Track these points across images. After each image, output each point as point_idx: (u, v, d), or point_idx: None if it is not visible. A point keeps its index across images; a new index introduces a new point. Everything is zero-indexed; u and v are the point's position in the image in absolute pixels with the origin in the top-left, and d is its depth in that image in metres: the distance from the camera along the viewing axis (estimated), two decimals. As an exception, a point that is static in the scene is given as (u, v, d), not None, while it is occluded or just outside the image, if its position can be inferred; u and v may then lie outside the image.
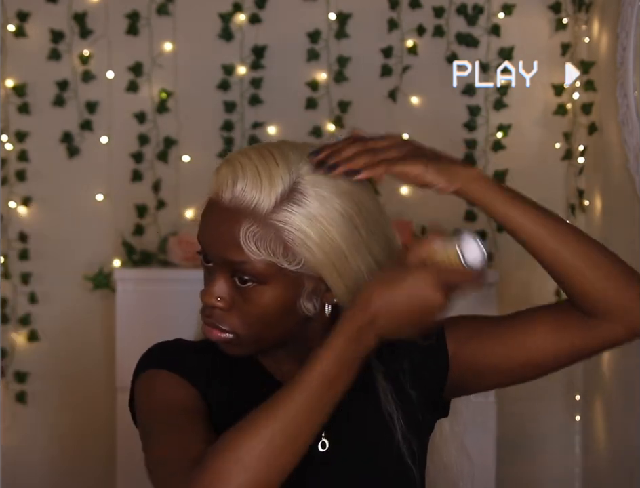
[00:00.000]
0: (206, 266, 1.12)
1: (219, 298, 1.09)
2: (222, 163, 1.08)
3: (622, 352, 2.47)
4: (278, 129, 2.77)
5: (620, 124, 2.40)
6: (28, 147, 2.76)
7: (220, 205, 1.07)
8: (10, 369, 2.78)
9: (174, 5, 2.76)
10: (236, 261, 1.05)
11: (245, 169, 1.05)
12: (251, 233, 1.04)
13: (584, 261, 1.09)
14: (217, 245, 1.07)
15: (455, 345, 1.18)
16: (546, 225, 1.10)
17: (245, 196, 1.05)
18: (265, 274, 1.06)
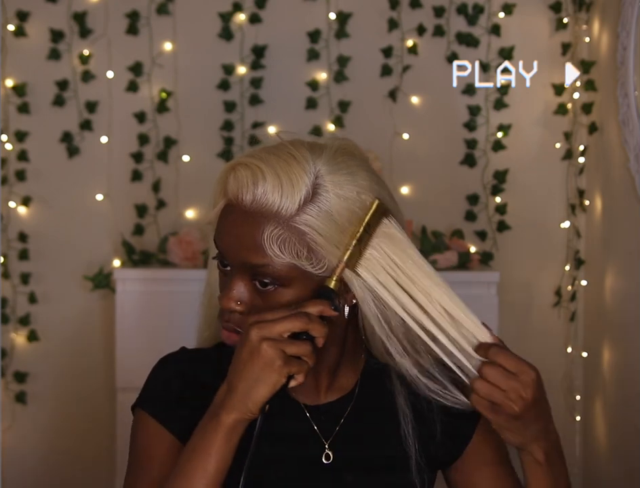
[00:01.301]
0: (223, 270, 1.10)
1: (239, 302, 1.08)
2: (235, 165, 1.07)
3: (622, 352, 2.47)
4: (278, 128, 2.76)
5: (621, 124, 2.40)
6: (28, 147, 2.76)
7: (239, 208, 1.05)
8: (10, 369, 2.78)
9: (174, 5, 2.76)
10: (259, 264, 1.04)
11: (265, 172, 1.04)
12: (274, 236, 1.03)
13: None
14: (237, 249, 1.06)
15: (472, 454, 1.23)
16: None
17: (267, 199, 1.04)
18: (287, 277, 1.05)
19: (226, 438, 1.02)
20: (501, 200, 2.79)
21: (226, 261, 1.09)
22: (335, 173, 1.06)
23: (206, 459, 1.03)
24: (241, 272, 1.07)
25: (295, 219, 1.04)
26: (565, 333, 2.80)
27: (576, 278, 2.79)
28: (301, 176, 1.04)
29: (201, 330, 1.23)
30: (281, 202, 1.03)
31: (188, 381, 1.17)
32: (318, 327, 1.02)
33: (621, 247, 2.49)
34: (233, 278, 1.08)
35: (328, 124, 2.77)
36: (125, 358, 2.47)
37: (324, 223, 1.04)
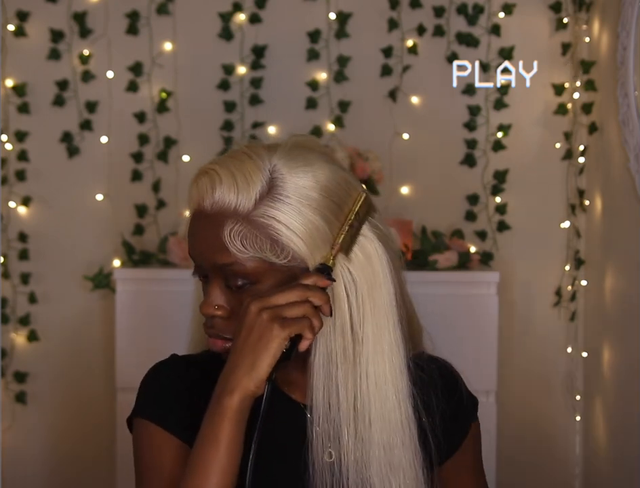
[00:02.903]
0: (203, 280, 1.13)
1: (216, 306, 1.10)
2: (197, 175, 1.10)
3: (622, 352, 2.47)
4: (278, 129, 2.76)
5: (621, 124, 2.40)
6: (28, 147, 2.76)
7: (202, 213, 1.08)
8: (10, 369, 2.78)
9: (174, 5, 2.76)
10: (226, 263, 1.06)
11: (220, 174, 1.07)
12: (235, 233, 1.05)
13: None
14: (205, 252, 1.08)
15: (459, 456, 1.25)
16: None
17: (224, 199, 1.06)
18: (255, 273, 1.07)
19: (234, 420, 1.02)
20: (501, 200, 2.80)
21: (200, 269, 1.11)
22: (291, 165, 1.08)
23: (217, 447, 1.02)
24: (215, 277, 1.09)
25: (254, 213, 1.06)
26: (565, 333, 2.80)
27: (576, 278, 2.79)
28: (254, 172, 1.06)
29: (191, 334, 1.25)
30: (237, 199, 1.06)
31: (183, 385, 1.17)
32: (319, 294, 1.03)
33: (621, 247, 2.49)
34: (210, 285, 1.10)
35: (328, 124, 2.77)
36: (125, 358, 2.47)
37: (283, 212, 1.06)
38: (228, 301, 1.09)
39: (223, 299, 1.10)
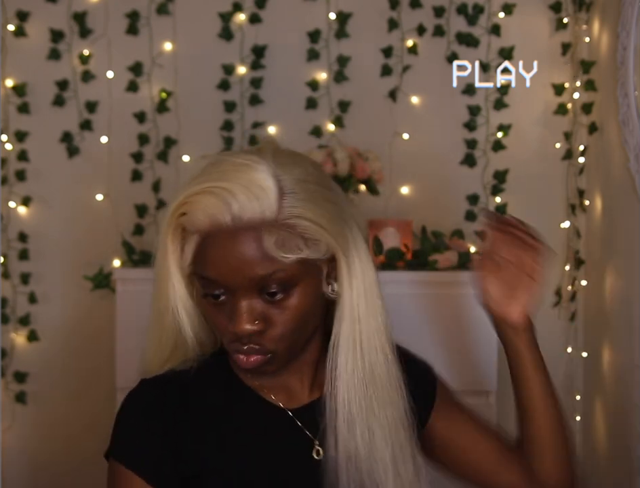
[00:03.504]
0: (217, 302, 1.09)
1: (256, 322, 1.07)
2: (191, 198, 1.06)
3: (622, 352, 2.47)
4: (278, 129, 2.76)
5: (621, 124, 2.40)
6: (28, 147, 2.76)
7: (222, 232, 1.05)
8: (10, 369, 2.78)
9: (174, 5, 2.76)
10: (268, 273, 1.04)
11: (230, 189, 1.04)
12: (273, 241, 1.04)
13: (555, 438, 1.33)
14: (241, 270, 1.05)
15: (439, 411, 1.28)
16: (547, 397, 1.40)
17: (247, 212, 1.04)
18: (295, 276, 1.06)
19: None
20: (501, 200, 2.80)
21: (222, 290, 1.07)
22: (282, 163, 1.08)
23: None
24: (244, 292, 1.06)
25: (280, 217, 1.05)
26: (565, 333, 2.80)
27: (576, 278, 2.78)
28: (263, 177, 1.05)
29: (150, 358, 1.20)
30: (261, 208, 1.04)
31: (158, 415, 1.14)
32: None
33: (621, 247, 2.49)
34: (239, 302, 1.07)
35: (328, 124, 2.77)
36: (125, 358, 2.46)
37: (303, 208, 1.06)
38: (265, 312, 1.07)
39: (259, 312, 1.07)
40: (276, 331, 1.08)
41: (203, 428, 1.15)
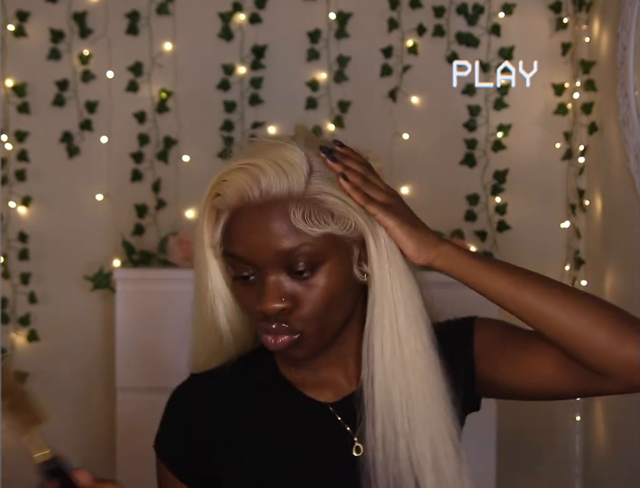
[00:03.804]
0: (246, 282, 1.09)
1: (283, 299, 1.07)
2: (224, 174, 1.08)
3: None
4: (278, 129, 2.76)
5: (621, 124, 2.40)
6: (28, 147, 2.76)
7: (250, 208, 1.06)
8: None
9: (174, 5, 2.76)
10: (294, 247, 1.05)
11: (260, 165, 1.06)
12: (300, 214, 1.05)
13: (579, 322, 1.06)
14: (268, 243, 1.05)
15: (482, 347, 1.19)
16: (529, 287, 1.10)
17: (275, 186, 1.05)
18: (323, 252, 1.06)
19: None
20: (501, 200, 2.79)
21: (250, 269, 1.07)
22: (316, 148, 1.11)
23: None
24: (271, 269, 1.06)
25: (307, 192, 1.06)
26: (565, 333, 2.79)
27: (576, 278, 2.78)
28: (295, 155, 1.07)
29: (197, 353, 1.21)
30: (289, 183, 1.05)
31: (202, 415, 1.17)
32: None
33: (621, 247, 2.49)
34: (266, 279, 1.07)
35: (328, 124, 2.77)
36: (125, 358, 2.46)
37: (331, 186, 1.07)
38: (292, 288, 1.07)
39: (287, 289, 1.07)
40: (304, 310, 1.07)
41: (241, 425, 1.16)
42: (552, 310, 1.06)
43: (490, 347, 1.18)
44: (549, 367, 1.12)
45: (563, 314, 1.06)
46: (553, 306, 1.06)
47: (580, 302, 1.07)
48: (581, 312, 1.06)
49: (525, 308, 1.07)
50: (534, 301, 1.07)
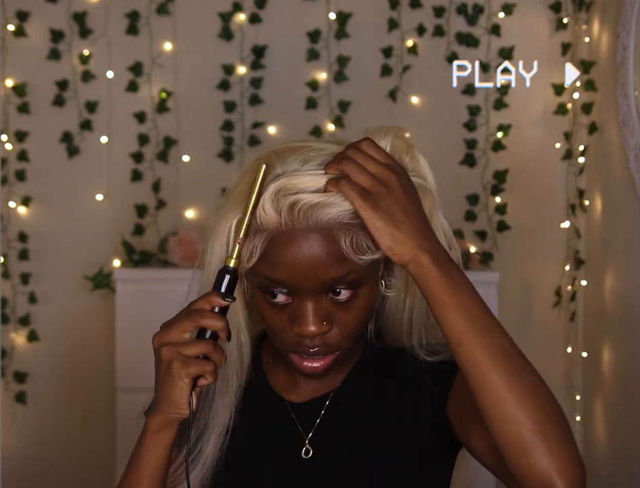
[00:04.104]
0: (278, 304, 1.06)
1: (324, 322, 1.05)
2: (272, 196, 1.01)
3: (622, 352, 2.47)
4: (278, 128, 2.76)
5: (621, 124, 2.40)
6: (28, 147, 2.76)
7: (298, 234, 1.01)
8: (10, 369, 2.78)
9: (174, 5, 2.76)
10: (343, 275, 1.02)
11: (305, 191, 1.01)
12: (349, 242, 1.01)
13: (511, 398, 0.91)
14: (314, 271, 1.01)
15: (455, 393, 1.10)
16: (482, 339, 0.94)
17: (324, 214, 1.01)
18: (365, 275, 1.04)
19: (154, 439, 1.04)
20: (501, 200, 2.79)
21: (285, 290, 1.05)
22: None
23: (139, 461, 1.06)
24: (311, 293, 1.04)
25: (352, 219, 1.01)
26: (565, 333, 2.79)
27: (576, 278, 2.78)
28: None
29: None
30: (337, 211, 1.01)
31: None
32: (212, 321, 0.99)
33: (621, 247, 2.49)
34: (306, 303, 1.04)
35: (328, 124, 2.77)
36: (125, 358, 2.47)
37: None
38: (331, 312, 1.05)
39: (326, 313, 1.05)
40: (342, 330, 1.06)
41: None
42: (488, 379, 0.92)
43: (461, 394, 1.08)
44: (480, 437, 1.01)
45: (496, 388, 0.92)
46: (491, 375, 0.92)
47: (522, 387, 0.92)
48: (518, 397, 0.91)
49: (466, 355, 0.94)
50: (478, 357, 0.93)
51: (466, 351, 0.93)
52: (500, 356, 0.93)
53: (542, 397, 0.92)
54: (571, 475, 0.94)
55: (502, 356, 0.93)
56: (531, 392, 0.92)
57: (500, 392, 0.91)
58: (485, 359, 0.92)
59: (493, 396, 0.91)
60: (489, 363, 0.92)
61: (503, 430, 0.91)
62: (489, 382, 0.91)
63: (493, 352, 0.93)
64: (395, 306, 1.14)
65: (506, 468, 0.93)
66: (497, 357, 0.93)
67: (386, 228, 0.97)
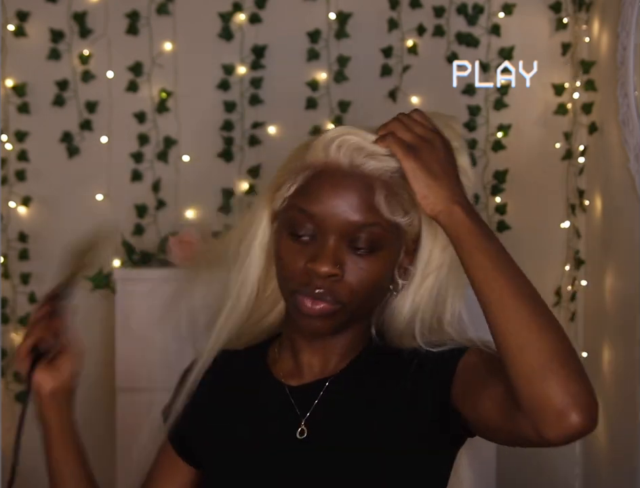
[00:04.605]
0: (299, 243, 1.10)
1: (338, 265, 1.08)
2: (330, 135, 1.10)
3: (622, 352, 2.47)
4: (278, 128, 2.77)
5: (621, 124, 2.40)
6: (28, 147, 2.76)
7: (339, 172, 1.08)
8: (10, 369, 2.78)
9: (174, 5, 2.76)
10: (369, 223, 1.07)
11: (355, 135, 1.11)
12: (383, 196, 1.07)
13: (529, 331, 0.96)
14: (345, 210, 1.07)
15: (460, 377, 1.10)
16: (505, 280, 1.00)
17: (370, 164, 1.08)
18: (387, 237, 1.09)
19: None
20: (501, 200, 2.80)
21: (313, 227, 1.09)
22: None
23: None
24: (336, 235, 1.08)
25: (393, 179, 1.08)
26: (565, 333, 2.79)
27: (576, 278, 2.79)
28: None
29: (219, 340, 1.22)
30: (383, 166, 1.08)
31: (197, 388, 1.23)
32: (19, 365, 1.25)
33: (621, 247, 2.49)
34: (327, 242, 1.08)
35: (328, 124, 2.77)
36: (125, 358, 2.47)
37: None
38: (347, 261, 1.09)
39: (343, 259, 1.08)
40: (351, 284, 1.08)
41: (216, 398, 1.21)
42: (510, 309, 0.98)
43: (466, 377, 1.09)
44: (489, 399, 1.03)
45: (517, 317, 0.97)
46: (513, 306, 0.98)
47: (542, 320, 0.97)
48: (537, 326, 0.96)
49: (491, 289, 1.00)
50: (502, 290, 0.99)
51: (490, 285, 1.00)
52: (523, 291, 1.00)
53: (561, 332, 0.99)
54: (586, 405, 0.96)
55: (526, 290, 1.00)
56: (552, 325, 0.98)
57: (523, 318, 0.97)
58: (508, 292, 0.99)
59: (516, 323, 0.97)
60: (513, 295, 0.99)
61: (522, 356, 0.96)
62: (513, 311, 0.98)
63: (517, 287, 1.00)
64: (397, 310, 1.16)
65: (517, 414, 0.96)
66: (521, 291, 1.00)
67: (424, 178, 1.03)
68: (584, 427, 0.96)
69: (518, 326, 0.97)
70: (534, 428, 0.95)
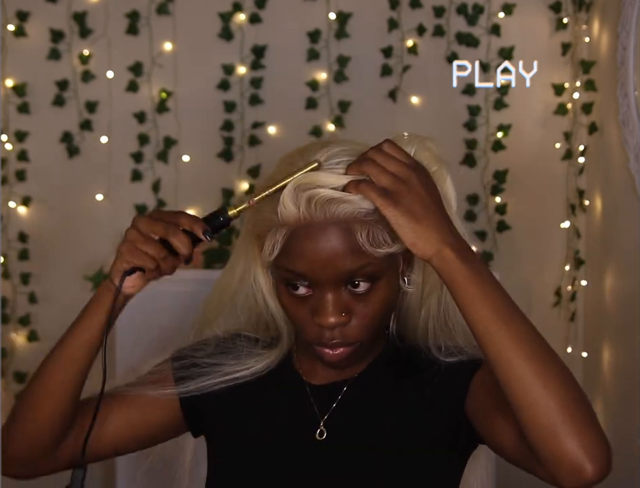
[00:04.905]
0: (299, 297, 1.09)
1: (343, 313, 1.08)
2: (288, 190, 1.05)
3: (622, 352, 2.47)
4: (278, 129, 2.76)
5: (621, 124, 2.40)
6: (28, 147, 2.76)
7: (316, 226, 1.04)
8: (10, 369, 2.78)
9: (174, 5, 2.76)
10: (359, 266, 1.05)
11: (323, 186, 1.04)
12: (365, 235, 1.04)
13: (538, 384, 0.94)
14: (333, 263, 1.05)
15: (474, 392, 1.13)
16: (508, 328, 0.98)
17: (345, 209, 1.04)
18: (383, 268, 1.07)
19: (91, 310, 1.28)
20: (501, 200, 2.80)
21: (306, 283, 1.08)
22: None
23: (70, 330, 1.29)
24: (331, 285, 1.07)
25: (370, 213, 1.05)
26: (565, 333, 2.80)
27: (576, 278, 2.79)
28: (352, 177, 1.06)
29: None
30: (355, 206, 1.04)
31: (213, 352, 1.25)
32: (178, 243, 1.10)
33: (621, 247, 2.49)
34: (326, 295, 1.07)
35: (328, 124, 2.77)
36: (125, 358, 2.46)
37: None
38: (350, 304, 1.08)
39: (345, 304, 1.08)
40: (361, 323, 1.09)
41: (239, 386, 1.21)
42: (516, 369, 0.95)
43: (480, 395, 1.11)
44: (505, 432, 1.05)
45: (523, 376, 0.95)
46: (519, 366, 0.95)
47: (549, 372, 0.96)
48: (544, 382, 0.94)
49: (493, 345, 0.97)
50: (505, 345, 0.96)
51: (492, 340, 0.96)
52: (525, 344, 0.97)
53: (568, 382, 0.96)
54: (600, 456, 0.93)
55: (527, 343, 0.97)
56: (557, 377, 0.95)
57: (528, 377, 0.94)
58: (511, 347, 0.96)
59: (521, 383, 0.94)
60: (515, 350, 0.95)
61: (532, 415, 0.94)
62: (517, 369, 0.95)
63: (519, 339, 0.97)
64: (412, 310, 1.18)
65: (532, 456, 0.97)
66: (523, 344, 0.96)
67: (408, 223, 0.99)
68: (599, 476, 0.94)
69: (525, 384, 0.94)
70: (550, 475, 0.96)
